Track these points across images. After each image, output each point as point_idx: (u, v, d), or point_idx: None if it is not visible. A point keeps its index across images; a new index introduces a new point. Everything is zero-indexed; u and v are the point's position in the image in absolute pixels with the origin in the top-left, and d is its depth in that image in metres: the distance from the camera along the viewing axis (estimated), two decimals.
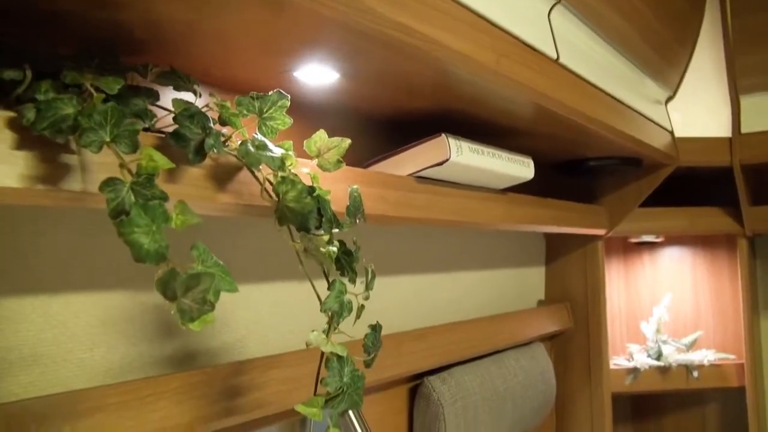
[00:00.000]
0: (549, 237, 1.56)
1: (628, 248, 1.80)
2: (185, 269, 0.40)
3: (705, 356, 1.53)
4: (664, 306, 1.59)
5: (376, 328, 0.60)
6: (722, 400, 1.70)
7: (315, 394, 0.53)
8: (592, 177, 1.45)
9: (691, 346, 1.58)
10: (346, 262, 0.57)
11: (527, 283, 1.48)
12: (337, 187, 0.64)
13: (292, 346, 0.83)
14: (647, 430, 1.79)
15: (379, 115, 0.92)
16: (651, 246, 1.75)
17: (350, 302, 0.57)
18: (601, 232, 1.43)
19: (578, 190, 1.46)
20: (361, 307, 0.59)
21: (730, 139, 1.40)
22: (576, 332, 1.49)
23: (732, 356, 1.56)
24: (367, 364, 0.60)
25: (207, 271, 0.40)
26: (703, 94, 1.40)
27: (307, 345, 0.55)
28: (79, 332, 0.62)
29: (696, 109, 1.40)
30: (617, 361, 1.60)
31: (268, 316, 0.82)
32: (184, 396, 0.63)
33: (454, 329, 1.07)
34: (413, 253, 1.08)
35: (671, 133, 1.35)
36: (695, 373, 1.52)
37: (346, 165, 0.63)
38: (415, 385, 1.03)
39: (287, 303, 0.84)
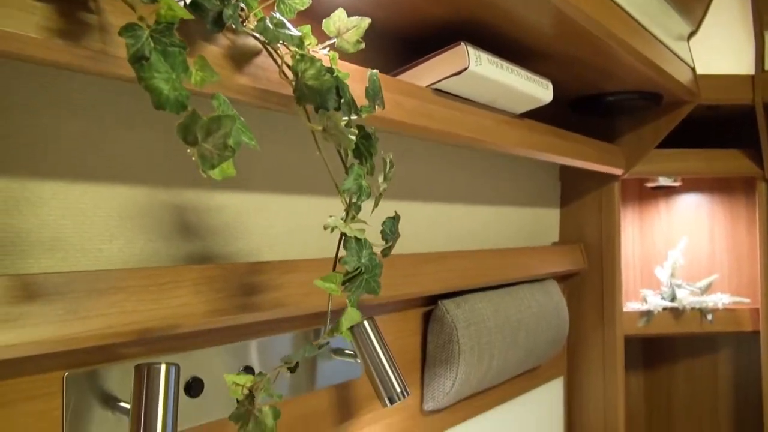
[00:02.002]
0: (564, 179, 1.54)
1: (644, 195, 1.78)
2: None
3: (720, 300, 1.52)
4: (680, 250, 1.58)
5: (394, 217, 0.60)
6: (734, 346, 1.69)
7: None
8: (609, 115, 1.43)
9: (706, 290, 1.57)
10: (364, 147, 0.57)
11: (542, 224, 1.47)
12: (354, 86, 0.63)
13: (306, 258, 0.84)
14: (658, 377, 1.79)
15: (396, 29, 0.91)
16: (667, 192, 1.73)
17: (368, 187, 0.56)
18: (617, 171, 1.41)
19: (595, 130, 1.44)
20: (380, 196, 0.59)
21: (752, 77, 1.37)
22: (590, 274, 1.48)
23: (747, 300, 1.55)
24: (385, 253, 0.60)
25: (228, 114, 0.39)
26: (726, 30, 1.37)
27: (325, 228, 0.55)
28: (99, 222, 0.62)
29: (718, 46, 1.37)
30: (631, 306, 1.60)
31: (284, 228, 0.82)
32: (202, 287, 0.63)
33: (468, 256, 1.06)
34: (430, 182, 1.08)
35: (692, 69, 1.33)
36: (709, 317, 1.51)
37: None
38: (429, 309, 1.04)
39: (303, 216, 0.84)
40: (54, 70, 0.58)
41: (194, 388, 0.67)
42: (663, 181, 1.59)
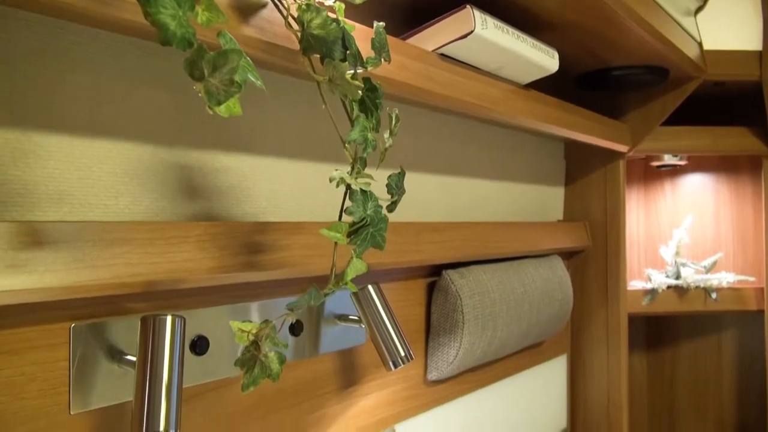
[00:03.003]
0: (569, 158, 1.54)
1: (649, 175, 1.78)
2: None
3: (724, 278, 1.51)
4: (685, 228, 1.57)
5: (400, 172, 0.60)
6: (739, 326, 1.69)
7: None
8: (615, 91, 1.42)
9: (711, 268, 1.57)
10: (370, 100, 0.56)
11: (546, 202, 1.47)
12: (359, 44, 0.63)
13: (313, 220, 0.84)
14: (662, 357, 1.79)
15: None
16: (672, 172, 1.73)
17: (374, 140, 0.56)
18: (623, 148, 1.41)
19: (601, 108, 1.44)
20: (385, 151, 0.59)
21: (759, 53, 1.36)
22: (594, 252, 1.48)
23: (752, 278, 1.55)
24: (390, 209, 0.60)
25: (234, 48, 0.39)
26: (733, 5, 1.36)
27: (330, 180, 0.55)
28: (105, 178, 0.62)
29: (726, 21, 1.36)
30: (635, 284, 1.59)
31: (289, 192, 0.82)
32: (207, 243, 0.63)
33: (472, 228, 1.06)
34: (436, 155, 1.07)
35: (699, 44, 1.32)
36: (714, 295, 1.51)
37: None
38: (433, 281, 1.04)
39: (309, 182, 0.84)
40: (61, 22, 0.58)
41: (200, 345, 0.68)
42: (668, 160, 1.59)
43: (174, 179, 0.69)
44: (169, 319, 0.56)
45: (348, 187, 0.55)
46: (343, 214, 0.54)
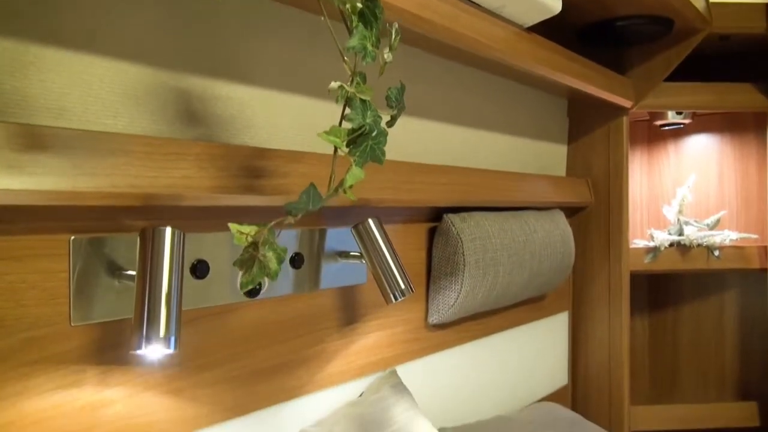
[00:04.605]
0: (572, 115, 1.53)
1: (653, 137, 1.77)
2: None
3: (727, 236, 1.51)
4: (688, 186, 1.57)
5: (400, 87, 0.59)
6: (741, 286, 1.69)
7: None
8: (619, 44, 1.40)
9: (714, 226, 1.57)
10: (369, 10, 0.56)
11: (548, 159, 1.47)
12: None
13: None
14: (664, 319, 1.80)
15: None
16: (676, 133, 1.72)
17: (374, 52, 0.56)
18: (626, 103, 1.40)
19: (603, 64, 1.42)
20: (384, 65, 0.59)
21: (766, 5, 1.34)
22: (596, 209, 1.48)
23: (755, 236, 1.54)
24: (390, 123, 0.59)
25: None
26: None
27: (329, 91, 0.54)
28: (104, 97, 0.62)
29: None
30: (638, 242, 1.59)
31: (289, 125, 0.82)
32: (206, 163, 0.63)
33: (474, 173, 1.06)
34: (440, 102, 1.07)
35: None
36: (716, 253, 1.51)
37: None
38: (434, 226, 1.04)
39: (309, 117, 0.84)
40: None
41: (200, 269, 0.68)
42: (672, 118, 1.57)
43: (173, 103, 0.68)
44: (168, 229, 0.56)
45: (347, 96, 0.55)
46: (343, 122, 0.54)
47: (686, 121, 1.60)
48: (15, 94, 0.56)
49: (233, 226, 0.50)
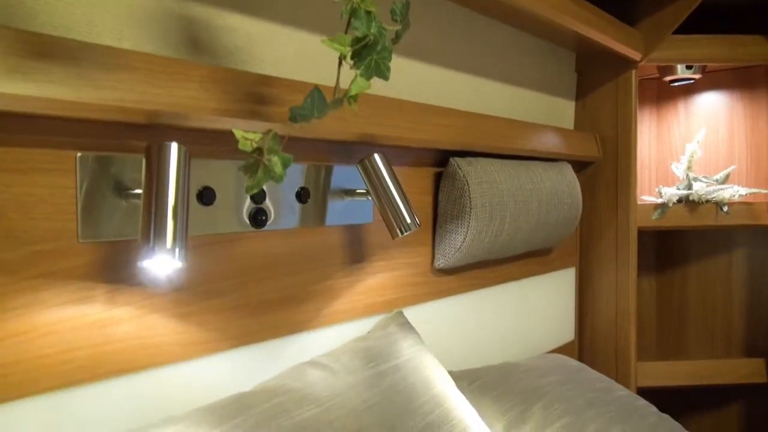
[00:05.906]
0: (581, 70, 1.51)
1: (662, 94, 1.75)
2: None
3: (736, 191, 1.49)
4: (698, 141, 1.55)
5: (405, 1, 0.59)
6: (750, 244, 1.68)
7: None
8: None
9: (724, 181, 1.55)
10: None
11: (556, 113, 1.45)
12: None
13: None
14: (671, 278, 1.79)
15: None
16: (686, 90, 1.70)
17: None
18: (636, 55, 1.38)
19: (613, 15, 1.40)
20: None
21: None
22: (604, 165, 1.47)
23: (764, 191, 1.53)
24: (395, 40, 0.59)
25: None
26: None
27: (333, 3, 0.54)
28: (108, 19, 0.62)
29: None
30: (646, 198, 1.58)
31: (294, 62, 0.81)
32: (210, 86, 0.63)
33: (482, 118, 1.06)
34: (449, 49, 1.06)
35: None
36: (725, 209, 1.50)
37: None
38: (441, 171, 1.03)
39: (314, 53, 0.83)
40: None
41: (206, 196, 0.68)
42: (682, 73, 1.55)
43: (178, 30, 0.68)
44: (174, 144, 0.56)
45: (353, 7, 0.54)
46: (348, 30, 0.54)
47: (696, 76, 1.58)
48: (18, 9, 0.56)
49: (238, 132, 0.50)
